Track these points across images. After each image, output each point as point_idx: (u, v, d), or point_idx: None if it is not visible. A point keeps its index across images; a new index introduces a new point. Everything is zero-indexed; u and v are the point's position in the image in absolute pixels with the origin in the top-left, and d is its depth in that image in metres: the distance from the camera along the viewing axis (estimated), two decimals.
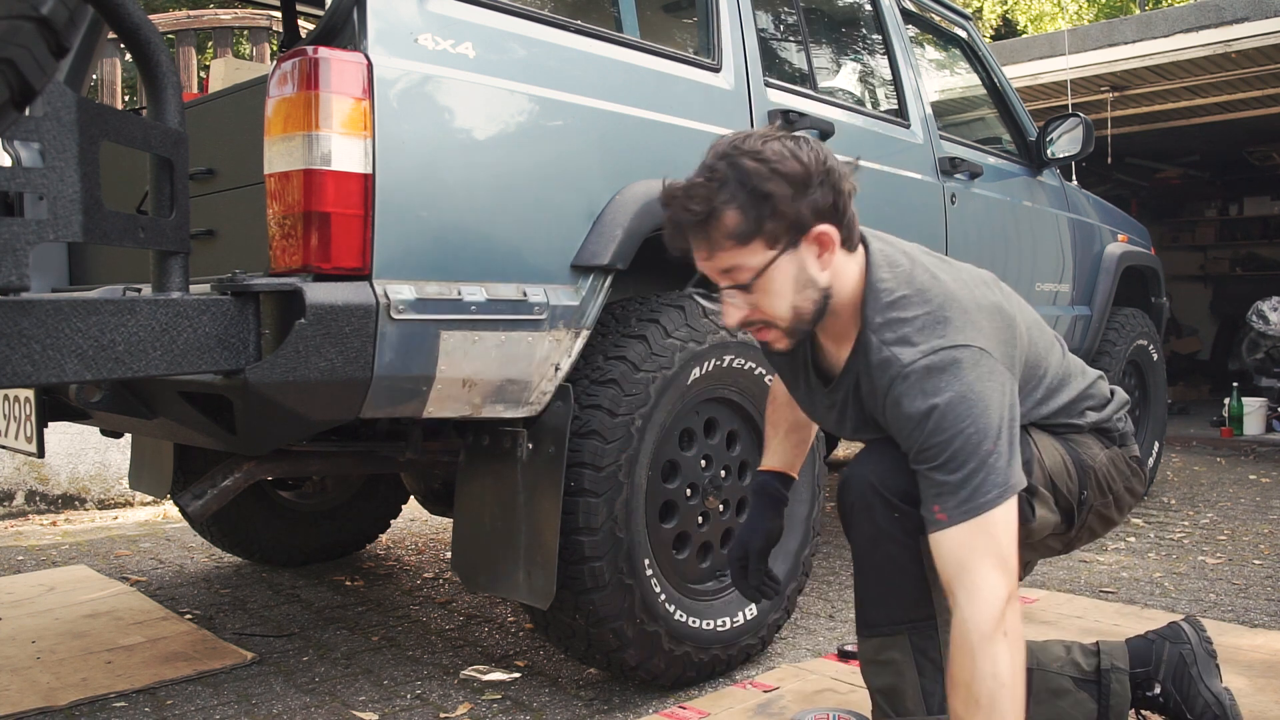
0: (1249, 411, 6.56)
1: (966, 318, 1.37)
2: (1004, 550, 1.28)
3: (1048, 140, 3.70)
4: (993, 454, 1.29)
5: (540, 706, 2.07)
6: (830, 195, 1.35)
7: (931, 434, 1.31)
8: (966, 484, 1.28)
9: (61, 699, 2.09)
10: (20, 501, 4.23)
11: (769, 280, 1.37)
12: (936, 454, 1.31)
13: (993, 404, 1.31)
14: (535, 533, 1.90)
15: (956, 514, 1.28)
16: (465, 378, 1.76)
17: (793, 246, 1.36)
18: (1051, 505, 1.49)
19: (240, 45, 6.95)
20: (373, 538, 3.48)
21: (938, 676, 1.34)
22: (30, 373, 1.25)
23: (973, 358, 1.33)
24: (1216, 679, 1.69)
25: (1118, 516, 1.62)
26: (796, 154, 1.34)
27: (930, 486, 1.32)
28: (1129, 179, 9.21)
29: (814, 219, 1.35)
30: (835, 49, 3.26)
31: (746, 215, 1.32)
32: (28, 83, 1.10)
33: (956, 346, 1.34)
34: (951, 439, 1.29)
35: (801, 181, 1.33)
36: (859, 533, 1.39)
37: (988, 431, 1.30)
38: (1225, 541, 3.61)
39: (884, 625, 1.37)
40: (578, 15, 2.12)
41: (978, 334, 1.36)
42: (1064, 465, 1.51)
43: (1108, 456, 1.58)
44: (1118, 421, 1.62)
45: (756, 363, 2.23)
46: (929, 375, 1.32)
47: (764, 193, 1.31)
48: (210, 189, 2.01)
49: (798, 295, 1.39)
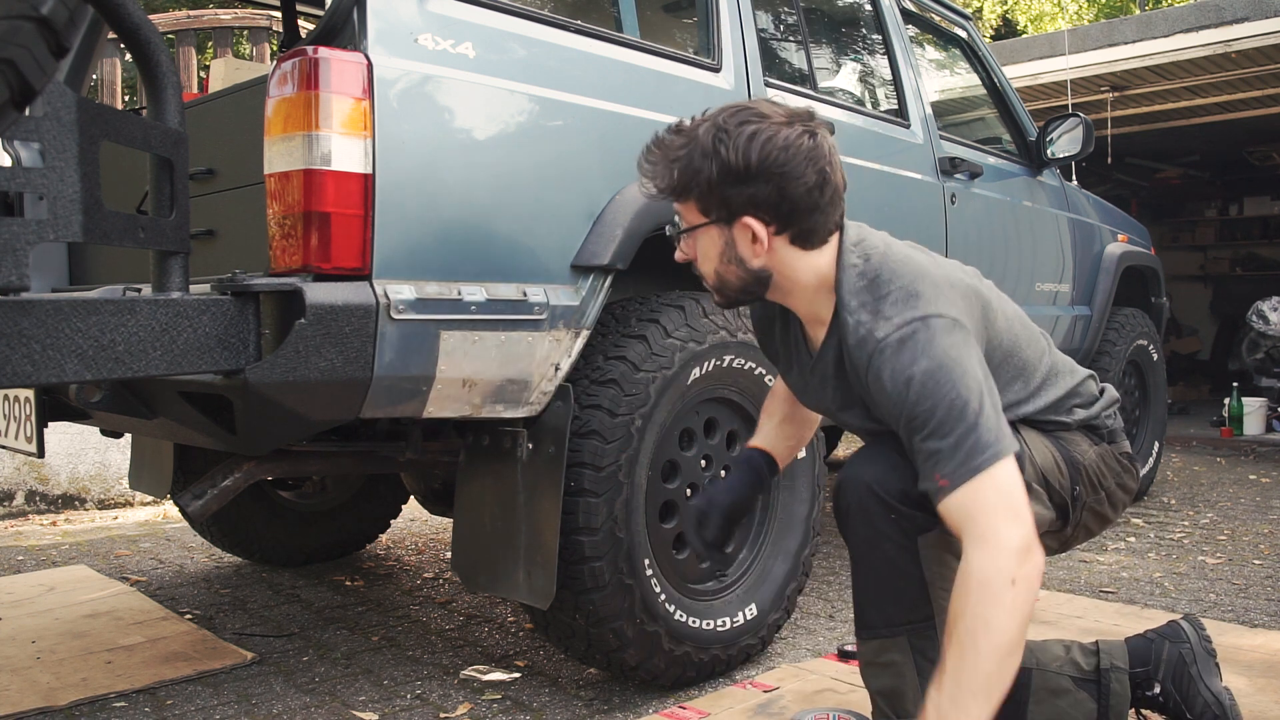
0: (1249, 411, 6.56)
1: (938, 291, 1.38)
2: (1014, 502, 1.28)
3: (1048, 140, 3.70)
4: (980, 414, 1.30)
5: (540, 706, 2.07)
6: (774, 194, 1.38)
7: (916, 403, 1.32)
8: (961, 445, 1.29)
9: (61, 699, 2.09)
10: (20, 501, 4.23)
11: (696, 240, 1.46)
12: (925, 420, 1.32)
13: (970, 370, 1.33)
14: (535, 533, 1.90)
15: (958, 476, 1.29)
16: (465, 378, 1.76)
17: (723, 223, 1.42)
18: (1045, 501, 1.48)
19: (240, 45, 6.95)
20: (373, 538, 3.48)
21: None
22: (30, 373, 1.25)
23: (945, 326, 1.35)
24: (1216, 678, 1.68)
25: (1112, 514, 1.62)
26: (757, 146, 1.36)
27: (927, 458, 1.32)
28: (1129, 179, 9.21)
29: (745, 208, 1.40)
30: (835, 49, 3.26)
31: (681, 178, 1.41)
32: (28, 83, 1.10)
33: (929, 316, 1.35)
34: (935, 405, 1.31)
35: (737, 173, 1.37)
36: (856, 535, 1.39)
37: (969, 395, 1.31)
38: (1225, 541, 3.61)
39: (882, 627, 1.37)
40: (578, 15, 2.12)
41: (950, 306, 1.37)
42: (1055, 462, 1.51)
43: (1097, 453, 1.58)
44: (1106, 419, 1.62)
45: (756, 363, 2.23)
46: (904, 346, 1.34)
47: (696, 168, 1.39)
48: (210, 189, 2.02)
49: (722, 265, 1.46)
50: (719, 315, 2.15)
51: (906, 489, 1.34)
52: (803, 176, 1.38)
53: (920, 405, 1.31)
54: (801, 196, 1.38)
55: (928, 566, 1.33)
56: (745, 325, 2.21)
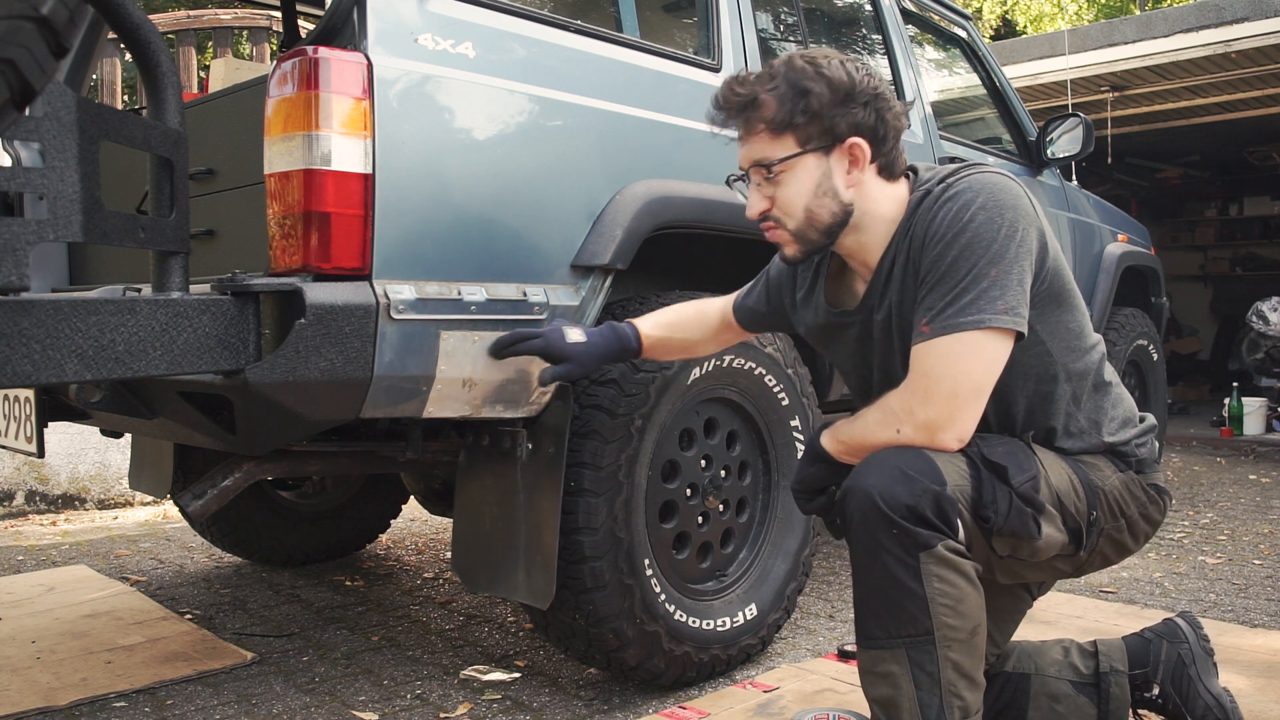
0: (1249, 411, 6.56)
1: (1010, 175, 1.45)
2: (966, 380, 1.34)
3: (1048, 140, 3.70)
4: (993, 280, 1.34)
5: (540, 706, 2.07)
6: (873, 117, 1.44)
7: (943, 238, 1.37)
8: (955, 301, 1.35)
9: (61, 699, 2.09)
10: (20, 501, 4.23)
11: (791, 174, 1.45)
12: (937, 263, 1.38)
13: (1007, 225, 1.37)
14: (535, 532, 1.90)
15: (937, 326, 1.36)
16: (465, 378, 1.76)
17: (822, 150, 1.44)
18: (1059, 524, 1.45)
19: (240, 45, 6.95)
20: (373, 538, 3.48)
21: (935, 690, 1.33)
22: (30, 373, 1.24)
23: (1006, 183, 1.41)
24: (1215, 679, 1.68)
25: (1133, 544, 1.56)
26: (850, 70, 1.44)
27: (924, 312, 1.38)
28: (1129, 179, 9.21)
29: (850, 131, 1.44)
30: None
31: (783, 106, 1.42)
32: (28, 83, 1.10)
33: (993, 172, 1.43)
34: (954, 240, 1.37)
35: (845, 92, 1.42)
36: (858, 545, 1.38)
37: (992, 245, 1.35)
38: (1225, 541, 3.62)
39: (881, 638, 1.36)
40: (578, 15, 2.12)
41: (1030, 207, 1.42)
42: (1071, 485, 1.47)
43: (1121, 480, 1.53)
44: (1138, 447, 1.56)
45: (756, 363, 2.23)
46: (956, 184, 1.41)
47: (804, 89, 1.41)
48: (210, 189, 2.01)
49: (815, 199, 1.46)
50: None
51: (912, 503, 1.32)
52: (893, 103, 1.46)
53: (942, 243, 1.37)
54: (892, 121, 1.46)
55: (928, 583, 1.32)
56: None
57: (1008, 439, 1.47)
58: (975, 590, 1.35)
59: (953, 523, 1.34)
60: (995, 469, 1.39)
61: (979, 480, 1.37)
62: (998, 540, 1.39)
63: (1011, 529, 1.38)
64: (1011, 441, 1.46)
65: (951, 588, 1.33)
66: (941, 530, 1.33)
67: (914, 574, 1.32)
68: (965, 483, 1.37)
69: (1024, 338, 1.40)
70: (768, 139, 1.45)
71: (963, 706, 1.33)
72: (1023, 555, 1.43)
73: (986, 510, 1.37)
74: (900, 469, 1.36)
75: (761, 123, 1.44)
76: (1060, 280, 1.49)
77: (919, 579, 1.32)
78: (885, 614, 1.35)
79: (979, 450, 1.40)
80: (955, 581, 1.33)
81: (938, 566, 1.32)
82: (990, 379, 1.37)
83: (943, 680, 1.33)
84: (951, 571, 1.33)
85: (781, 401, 2.31)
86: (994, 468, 1.39)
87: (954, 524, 1.34)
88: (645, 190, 2.01)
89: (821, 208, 1.47)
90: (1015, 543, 1.40)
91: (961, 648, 1.34)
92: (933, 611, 1.32)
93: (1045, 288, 1.46)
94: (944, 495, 1.33)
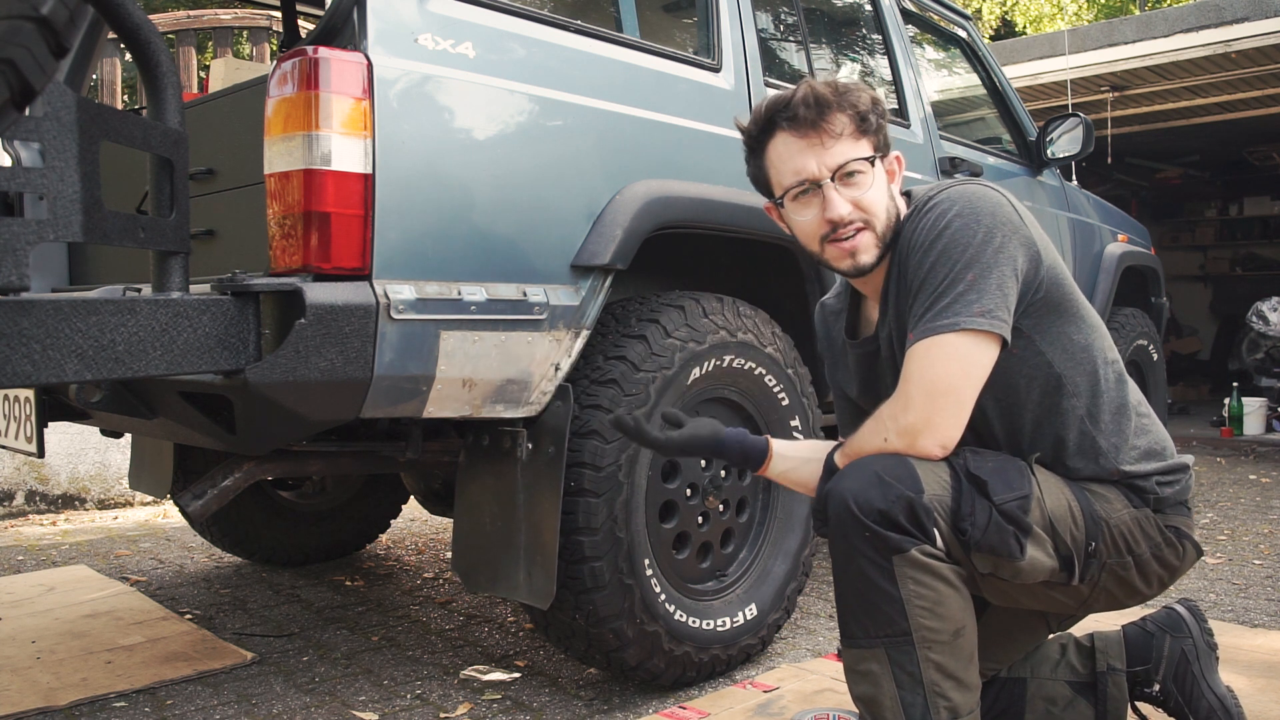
0: (1249, 411, 6.56)
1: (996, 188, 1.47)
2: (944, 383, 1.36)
3: (1048, 140, 3.70)
4: (969, 283, 1.36)
5: (540, 706, 2.07)
6: (888, 133, 1.53)
7: (921, 245, 1.41)
8: (933, 306, 1.38)
9: (61, 699, 2.09)
10: (20, 501, 4.23)
11: (871, 175, 1.48)
12: (917, 272, 1.41)
13: (983, 231, 1.39)
14: (535, 533, 1.90)
15: (917, 332, 1.39)
16: (465, 378, 1.76)
17: (882, 158, 1.51)
18: (1048, 549, 1.40)
19: (240, 45, 6.95)
20: (373, 538, 3.48)
21: (918, 690, 1.33)
22: (30, 373, 1.24)
23: (986, 193, 1.45)
24: (1217, 676, 1.66)
25: (1143, 585, 1.49)
26: None
27: (911, 321, 1.41)
28: (1129, 179, 9.22)
29: (889, 145, 1.53)
30: (835, 49, 3.26)
31: (866, 110, 1.48)
32: (28, 83, 1.10)
33: (975, 184, 1.46)
34: (931, 246, 1.40)
35: (882, 109, 1.52)
36: (836, 548, 1.39)
37: (968, 250, 1.38)
38: (1225, 541, 3.62)
39: (860, 638, 1.36)
40: (578, 15, 2.12)
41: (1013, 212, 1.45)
42: (1069, 510, 1.43)
43: (1132, 516, 1.46)
44: (1160, 484, 1.49)
45: (756, 363, 2.23)
46: (936, 197, 1.45)
47: (872, 98, 1.49)
48: (210, 189, 2.01)
49: (889, 201, 1.51)
50: (719, 315, 2.15)
51: (884, 508, 1.32)
52: None
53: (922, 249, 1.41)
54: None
55: (903, 585, 1.32)
56: (745, 325, 2.21)
57: (1005, 457, 1.45)
58: (956, 593, 1.34)
59: (927, 530, 1.33)
60: (976, 482, 1.36)
61: (959, 492, 1.36)
62: (977, 556, 1.36)
63: (990, 545, 1.35)
64: (1007, 460, 1.43)
65: (928, 590, 1.32)
66: (914, 536, 1.32)
67: (888, 577, 1.32)
68: (945, 493, 1.35)
69: (1008, 343, 1.39)
70: (852, 141, 1.47)
71: (950, 707, 1.33)
72: (1005, 575, 1.39)
73: (964, 523, 1.34)
74: (878, 474, 1.35)
75: (853, 124, 1.46)
76: (1060, 291, 1.48)
77: (893, 581, 1.32)
78: (863, 614, 1.35)
79: (965, 463, 1.38)
80: (931, 584, 1.32)
81: (912, 570, 1.32)
82: (969, 383, 1.37)
83: (925, 681, 1.32)
84: (927, 575, 1.32)
85: (781, 401, 2.31)
86: (975, 481, 1.36)
87: (929, 531, 1.33)
88: (645, 190, 2.01)
89: (891, 211, 1.50)
90: (996, 560, 1.37)
91: (944, 649, 1.33)
92: (909, 613, 1.32)
93: (1041, 297, 1.45)
94: (918, 502, 1.32)
